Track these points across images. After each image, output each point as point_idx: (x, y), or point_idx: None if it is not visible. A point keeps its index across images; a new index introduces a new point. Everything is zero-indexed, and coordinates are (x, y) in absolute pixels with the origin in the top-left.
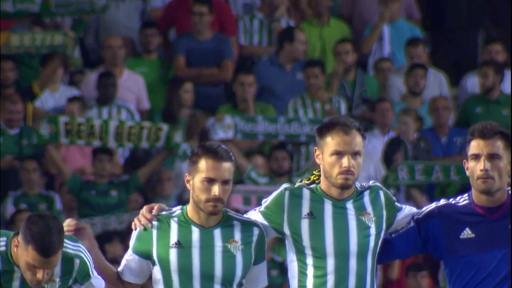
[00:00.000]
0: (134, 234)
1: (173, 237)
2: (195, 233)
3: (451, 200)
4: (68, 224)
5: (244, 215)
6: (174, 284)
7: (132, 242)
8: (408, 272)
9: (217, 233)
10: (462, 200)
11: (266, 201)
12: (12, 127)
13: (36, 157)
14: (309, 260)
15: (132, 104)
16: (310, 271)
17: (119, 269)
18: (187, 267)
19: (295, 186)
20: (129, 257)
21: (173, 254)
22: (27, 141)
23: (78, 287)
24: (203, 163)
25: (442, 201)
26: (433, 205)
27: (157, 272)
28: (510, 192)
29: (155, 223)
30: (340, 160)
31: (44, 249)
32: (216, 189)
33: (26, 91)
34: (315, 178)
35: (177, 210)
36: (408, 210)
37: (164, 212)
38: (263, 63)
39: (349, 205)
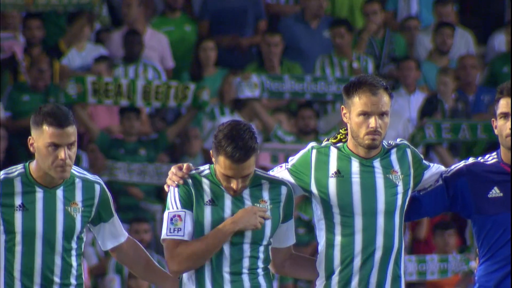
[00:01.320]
0: (173, 194)
1: (206, 196)
2: (227, 193)
3: (479, 158)
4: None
5: (270, 172)
6: None
7: (176, 203)
8: (435, 230)
9: (246, 193)
10: (490, 158)
11: (293, 159)
12: (39, 85)
13: None
14: (337, 219)
15: (156, 63)
16: (337, 229)
17: (178, 236)
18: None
19: (322, 144)
20: (184, 217)
21: (207, 213)
22: (54, 100)
23: (103, 228)
24: (221, 160)
25: (471, 160)
26: (461, 164)
27: None
28: None
29: (188, 180)
30: (367, 121)
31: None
32: (234, 185)
33: (53, 49)
34: (341, 137)
35: (205, 169)
36: (436, 168)
37: (193, 171)
38: (289, 21)
39: (376, 164)
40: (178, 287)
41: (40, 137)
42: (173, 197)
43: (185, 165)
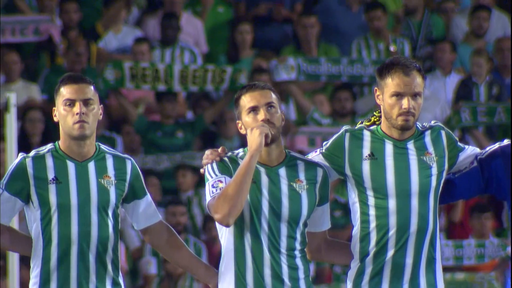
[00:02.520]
0: (210, 167)
1: None
2: (262, 172)
3: None
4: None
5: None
6: (246, 220)
7: (214, 172)
8: (472, 213)
9: (282, 172)
10: None
11: (327, 143)
12: (76, 68)
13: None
14: (371, 201)
15: (192, 46)
16: (372, 212)
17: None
18: (256, 203)
19: (356, 127)
20: (225, 181)
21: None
22: None
23: (137, 206)
24: (243, 100)
25: (506, 141)
26: (496, 145)
27: None
28: None
29: (225, 159)
30: (400, 101)
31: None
32: (261, 115)
33: (89, 31)
34: (375, 120)
35: (239, 152)
36: (471, 150)
37: (228, 154)
38: (330, 2)
39: (410, 145)
40: (212, 275)
41: (59, 100)
42: (210, 169)
43: (220, 148)
